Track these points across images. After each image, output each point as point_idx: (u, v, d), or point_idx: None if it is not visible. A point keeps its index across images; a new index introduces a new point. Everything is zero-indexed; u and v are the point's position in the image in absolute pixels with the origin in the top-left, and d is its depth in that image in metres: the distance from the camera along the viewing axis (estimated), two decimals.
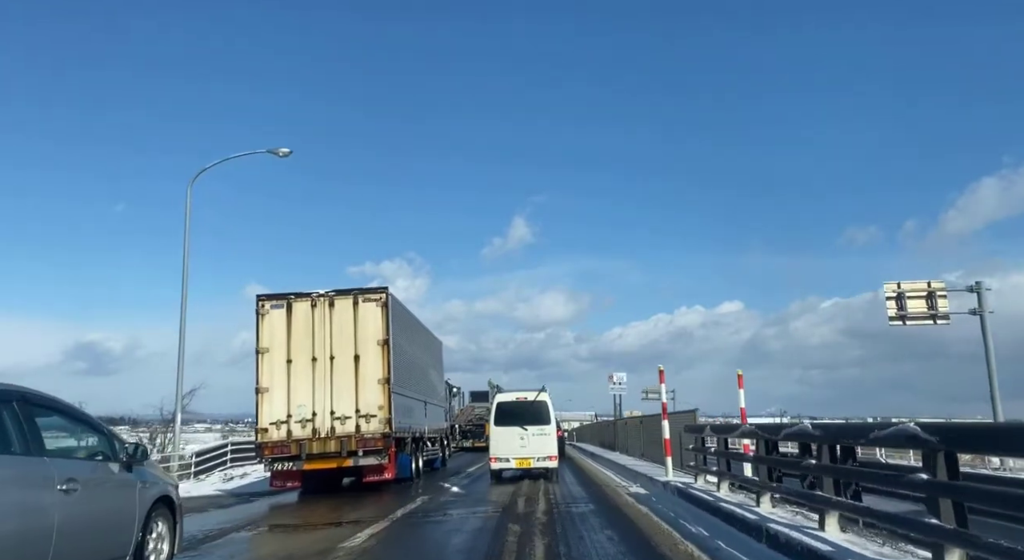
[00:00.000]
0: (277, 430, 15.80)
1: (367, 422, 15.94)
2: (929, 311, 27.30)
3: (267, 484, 16.95)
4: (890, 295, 27.46)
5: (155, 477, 6.66)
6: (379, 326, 16.33)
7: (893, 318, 27.41)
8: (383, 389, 16.08)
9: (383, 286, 16.65)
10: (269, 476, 16.28)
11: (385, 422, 15.95)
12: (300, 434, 15.78)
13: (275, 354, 16.07)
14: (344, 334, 16.25)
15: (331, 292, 16.48)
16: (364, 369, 16.12)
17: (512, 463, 18.26)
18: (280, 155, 19.96)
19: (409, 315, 19.82)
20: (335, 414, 15.90)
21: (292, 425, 15.81)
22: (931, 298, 27.34)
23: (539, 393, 18.98)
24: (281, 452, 15.72)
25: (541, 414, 18.51)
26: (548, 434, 18.44)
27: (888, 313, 27.33)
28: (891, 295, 27.46)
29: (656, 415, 19.29)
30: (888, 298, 27.37)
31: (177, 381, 21.65)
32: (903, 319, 27.39)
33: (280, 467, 15.80)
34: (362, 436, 15.83)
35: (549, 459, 18.27)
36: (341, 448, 15.76)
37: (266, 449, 15.74)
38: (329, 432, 15.85)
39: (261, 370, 16.03)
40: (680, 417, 17.18)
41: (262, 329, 16.20)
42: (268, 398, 15.93)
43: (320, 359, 16.10)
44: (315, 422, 15.85)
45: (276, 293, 16.45)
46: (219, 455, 25.72)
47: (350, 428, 15.89)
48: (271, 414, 15.86)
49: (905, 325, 27.55)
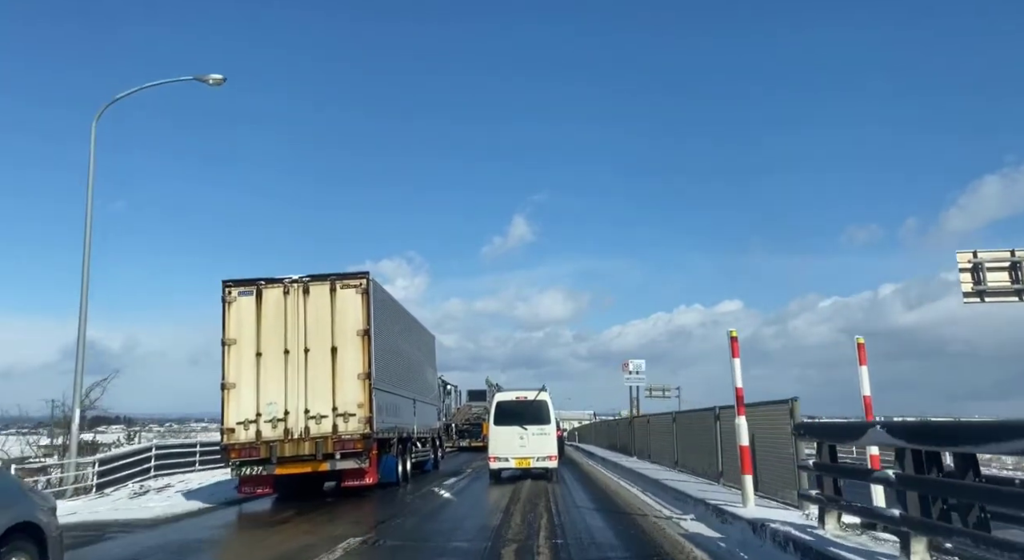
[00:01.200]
0: (245, 430, 14.18)
1: (345, 421, 14.32)
2: (1014, 285, 21.39)
3: (202, 498, 14.98)
4: (965, 266, 21.66)
5: (11, 495, 4.97)
6: (359, 315, 14.71)
7: (969, 294, 21.65)
8: (363, 385, 14.46)
9: (363, 270, 15.02)
10: (238, 481, 14.63)
11: (365, 421, 14.33)
12: (270, 435, 14.16)
13: (243, 346, 14.45)
14: (320, 324, 14.64)
15: (305, 277, 14.85)
16: (342, 363, 14.50)
17: (511, 463, 17.94)
18: (210, 83, 17.11)
19: (395, 304, 18.18)
20: (310, 413, 14.29)
21: (262, 425, 14.19)
22: (1016, 269, 21.49)
23: (539, 392, 18.50)
24: (249, 455, 14.10)
25: (541, 414, 18.10)
26: (548, 434, 18.08)
27: (963, 288, 21.61)
28: (966, 266, 21.64)
29: (692, 412, 16.45)
30: (963, 270, 21.65)
31: (76, 369, 16.67)
32: (981, 296, 21.63)
33: (248, 472, 14.19)
34: (340, 437, 14.22)
35: (549, 459, 17.91)
36: (316, 450, 14.14)
37: (232, 451, 14.12)
38: (303, 433, 14.23)
39: (227, 364, 14.40)
40: (766, 412, 10.49)
41: (229, 318, 14.58)
42: (235, 395, 14.31)
43: (293, 352, 14.48)
44: (287, 422, 14.24)
45: (244, 279, 14.82)
46: (139, 461, 19.30)
47: (326, 428, 14.27)
48: (238, 413, 14.24)
49: (983, 302, 21.80)
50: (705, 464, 14.07)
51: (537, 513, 11.76)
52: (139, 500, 15.06)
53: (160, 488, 17.18)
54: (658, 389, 49.84)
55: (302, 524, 11.28)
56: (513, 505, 12.90)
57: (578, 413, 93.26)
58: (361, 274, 14.95)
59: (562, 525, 10.42)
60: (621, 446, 28.32)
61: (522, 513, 11.79)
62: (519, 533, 9.70)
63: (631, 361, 38.24)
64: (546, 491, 15.09)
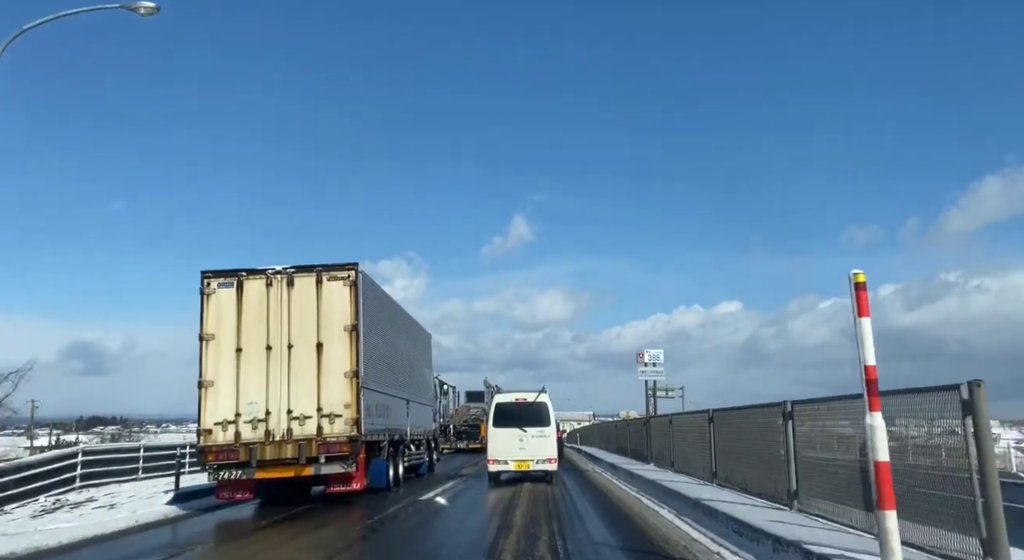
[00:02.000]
0: (223, 431, 13.24)
1: (331, 423, 13.38)
2: None
3: (125, 514, 12.34)
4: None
5: None
6: (347, 309, 13.77)
7: None
8: (351, 384, 13.52)
9: (352, 262, 14.06)
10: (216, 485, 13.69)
11: (352, 423, 13.39)
12: (250, 437, 13.22)
13: (222, 341, 13.51)
14: (305, 318, 13.70)
15: (290, 268, 13.91)
16: (328, 360, 13.57)
17: (511, 465, 17.64)
18: (141, 12, 15.11)
19: (386, 298, 17.23)
20: (293, 413, 13.34)
21: (241, 426, 13.25)
22: None
23: (539, 394, 18.16)
24: (227, 458, 13.16)
25: (541, 415, 17.79)
26: (548, 436, 17.76)
27: None
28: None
29: (742, 408, 11.82)
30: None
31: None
32: None
33: (226, 476, 13.25)
34: (325, 440, 13.28)
35: (549, 462, 17.63)
36: (299, 454, 13.20)
37: (209, 454, 13.18)
38: (285, 435, 13.28)
39: (205, 360, 13.46)
40: (902, 404, 6.27)
41: (207, 311, 13.64)
42: (213, 393, 13.36)
43: (276, 348, 13.54)
44: (268, 423, 13.29)
45: (224, 269, 13.88)
46: (63, 469, 16.17)
47: (310, 430, 13.32)
48: (216, 413, 13.29)
49: None
50: (767, 481, 10.07)
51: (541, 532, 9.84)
52: (41, 520, 11.98)
53: (78, 503, 14.30)
54: (661, 389, 48.30)
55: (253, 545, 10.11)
56: (503, 536, 9.67)
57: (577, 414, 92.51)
58: (349, 265, 14.00)
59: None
60: (633, 450, 24.35)
61: (523, 521, 10.76)
62: None
63: (647, 351, 32.39)
64: (549, 515, 11.88)
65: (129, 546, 10.21)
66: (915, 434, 6.49)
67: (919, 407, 6.12)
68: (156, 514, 12.86)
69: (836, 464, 7.88)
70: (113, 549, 9.93)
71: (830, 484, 7.93)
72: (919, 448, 6.42)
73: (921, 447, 6.35)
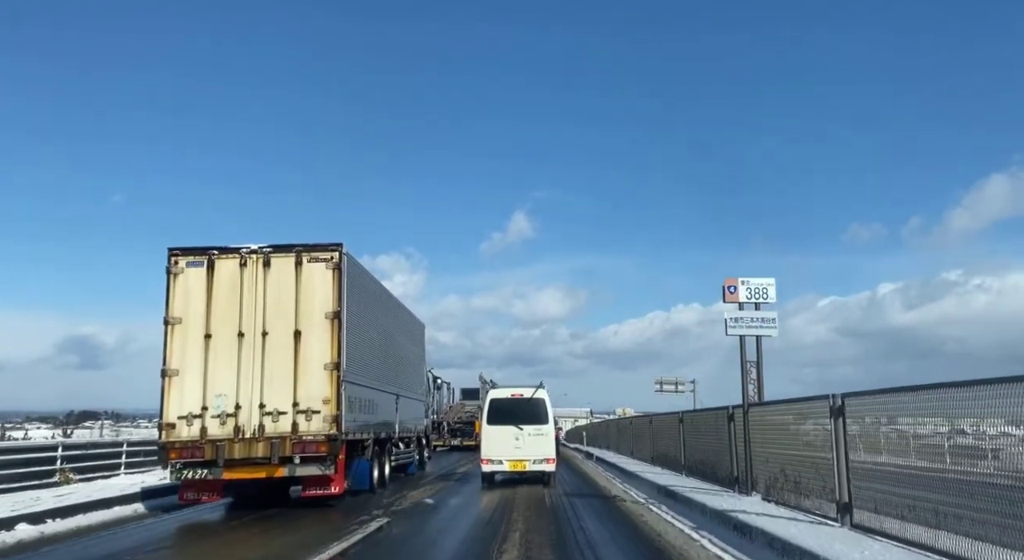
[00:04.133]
0: (188, 426, 11.93)
1: (308, 419, 12.08)
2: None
3: None
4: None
5: None
6: (329, 294, 12.47)
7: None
8: (331, 377, 12.22)
9: (336, 242, 12.75)
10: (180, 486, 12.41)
11: (332, 420, 12.09)
12: (218, 432, 11.92)
13: (189, 327, 12.19)
14: (282, 304, 12.39)
15: (267, 248, 12.60)
16: (307, 350, 12.27)
17: (505, 466, 16.55)
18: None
19: (374, 284, 15.90)
20: (266, 408, 12.03)
21: (208, 420, 11.95)
22: None
23: (536, 389, 17.09)
24: (192, 456, 11.87)
25: (538, 412, 16.74)
26: (545, 434, 16.70)
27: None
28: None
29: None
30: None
31: None
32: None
33: (191, 475, 11.98)
34: (300, 438, 11.98)
35: (546, 462, 16.54)
36: (271, 453, 11.90)
37: (172, 451, 11.88)
38: (257, 431, 11.98)
39: (170, 347, 12.15)
40: None
41: (174, 293, 12.32)
42: (177, 384, 12.06)
43: (249, 335, 12.23)
44: (238, 418, 11.98)
45: (194, 247, 12.56)
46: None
47: (285, 427, 12.02)
48: (181, 406, 11.98)
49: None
50: None
51: None
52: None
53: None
54: (669, 383, 45.05)
55: None
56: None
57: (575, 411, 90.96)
58: (333, 246, 12.68)
59: None
60: (697, 464, 15.37)
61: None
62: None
63: (746, 282, 17.13)
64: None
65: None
66: None
67: None
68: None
69: None
70: None
71: None
72: None
73: None
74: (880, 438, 7.45)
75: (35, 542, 9.46)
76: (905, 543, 6.32)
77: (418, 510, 12.75)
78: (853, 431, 7.71)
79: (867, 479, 7.38)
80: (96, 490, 13.67)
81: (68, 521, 10.82)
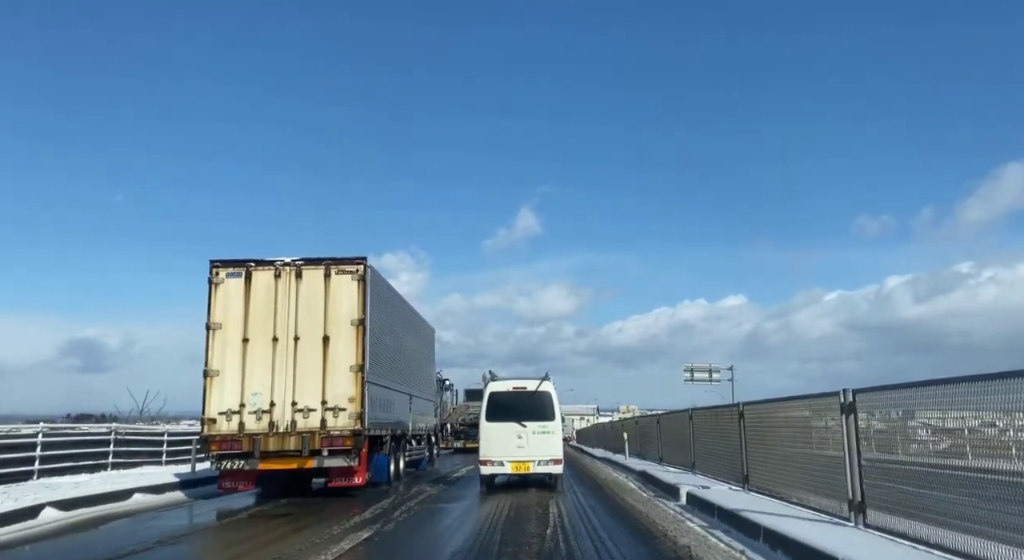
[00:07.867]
0: (227, 421, 13.29)
1: (335, 416, 13.41)
2: None
3: None
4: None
5: None
6: (354, 303, 13.81)
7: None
8: (356, 378, 13.56)
9: (361, 256, 14.10)
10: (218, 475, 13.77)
11: (356, 417, 13.42)
12: (254, 427, 13.26)
13: (229, 331, 13.55)
14: (312, 311, 13.73)
15: (299, 260, 13.95)
16: (334, 353, 13.61)
17: (507, 467, 14.96)
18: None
19: (393, 293, 17.25)
20: (297, 405, 13.39)
21: (245, 416, 13.30)
22: None
23: (541, 382, 15.39)
24: (231, 448, 13.21)
25: (543, 408, 15.10)
26: (552, 432, 15.03)
27: None
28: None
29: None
30: None
31: None
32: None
33: (230, 466, 13.30)
34: (328, 433, 13.31)
35: (553, 463, 14.91)
36: (302, 446, 13.24)
37: (213, 444, 13.23)
38: (289, 427, 13.32)
39: (211, 350, 13.50)
40: None
41: (215, 301, 13.67)
42: (218, 383, 13.41)
43: (282, 340, 13.58)
44: (273, 414, 13.33)
45: (234, 259, 13.91)
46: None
47: (314, 423, 13.36)
48: (221, 402, 13.34)
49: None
50: None
51: None
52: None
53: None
54: (702, 370, 38.73)
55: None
56: None
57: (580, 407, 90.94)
58: (358, 259, 14.03)
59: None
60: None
61: None
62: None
63: None
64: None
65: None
66: None
67: None
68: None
69: None
70: None
71: None
72: None
73: None
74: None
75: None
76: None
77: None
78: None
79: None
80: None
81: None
